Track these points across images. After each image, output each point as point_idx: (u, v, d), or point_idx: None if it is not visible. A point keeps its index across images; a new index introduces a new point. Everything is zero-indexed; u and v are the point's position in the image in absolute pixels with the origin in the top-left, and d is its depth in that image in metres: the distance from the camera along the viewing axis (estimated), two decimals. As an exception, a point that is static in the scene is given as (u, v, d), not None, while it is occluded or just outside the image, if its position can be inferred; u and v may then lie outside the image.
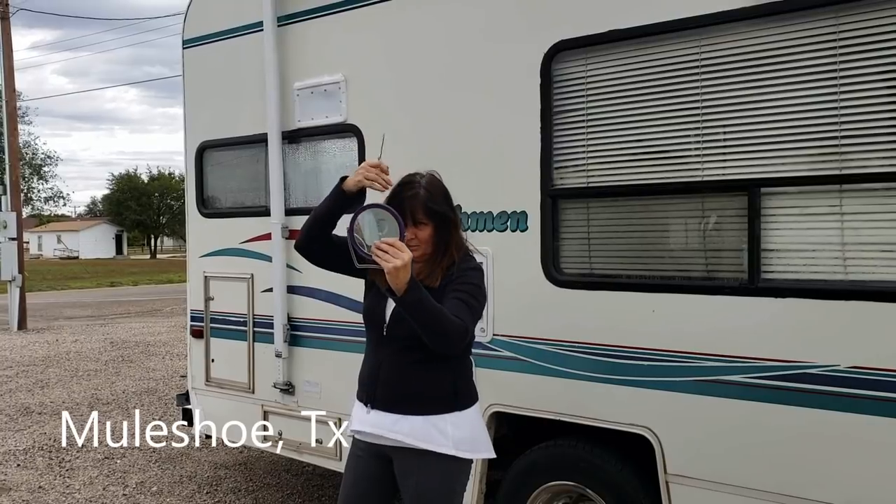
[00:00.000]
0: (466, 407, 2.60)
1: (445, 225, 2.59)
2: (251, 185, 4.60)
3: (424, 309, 2.32)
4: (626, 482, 3.10)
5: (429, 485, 2.55)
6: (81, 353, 11.02)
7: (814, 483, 2.65)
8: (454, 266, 2.56)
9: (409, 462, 2.57)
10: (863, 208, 2.60)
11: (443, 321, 2.35)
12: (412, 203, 2.54)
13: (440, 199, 2.60)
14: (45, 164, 45.78)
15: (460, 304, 2.45)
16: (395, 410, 2.57)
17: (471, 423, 2.60)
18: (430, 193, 2.58)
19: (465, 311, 2.43)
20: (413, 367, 2.57)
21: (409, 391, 2.57)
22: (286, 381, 4.30)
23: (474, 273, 2.57)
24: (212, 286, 4.76)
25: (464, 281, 2.52)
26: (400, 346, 2.58)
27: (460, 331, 2.38)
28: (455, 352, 2.50)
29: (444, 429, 2.53)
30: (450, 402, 2.56)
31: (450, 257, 2.58)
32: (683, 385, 2.92)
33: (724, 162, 2.87)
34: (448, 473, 2.56)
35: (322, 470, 4.88)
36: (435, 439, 2.52)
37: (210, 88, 4.76)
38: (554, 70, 3.26)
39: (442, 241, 2.58)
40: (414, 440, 2.53)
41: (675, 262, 3.04)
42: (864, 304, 2.55)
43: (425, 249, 2.58)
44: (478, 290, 2.53)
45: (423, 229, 2.56)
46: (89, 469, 5.66)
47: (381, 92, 3.88)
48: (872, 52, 2.56)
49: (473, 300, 2.49)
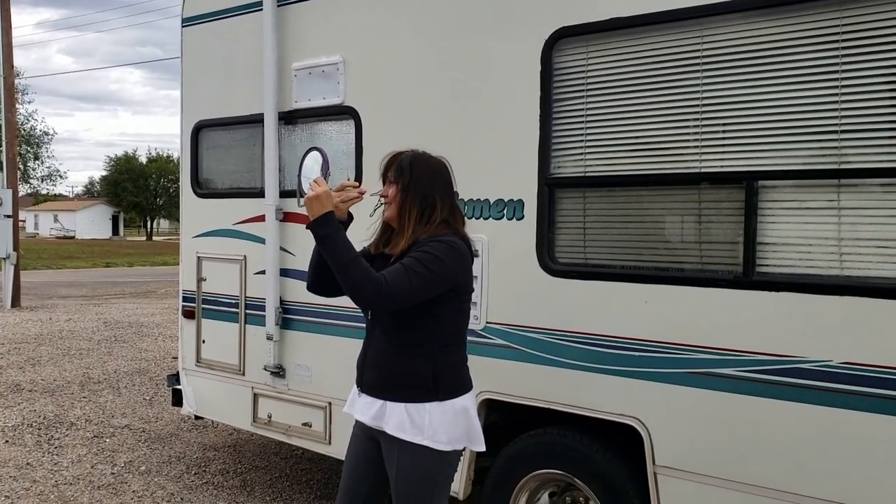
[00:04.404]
0: (450, 397, 2.54)
1: (406, 188, 2.55)
2: (246, 165, 4.57)
3: (331, 247, 2.42)
4: (615, 473, 3.09)
5: (406, 473, 2.53)
6: (74, 331, 10.99)
7: (804, 478, 2.64)
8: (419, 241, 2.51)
9: (392, 448, 2.56)
10: (860, 203, 2.59)
11: (351, 268, 2.37)
12: (392, 160, 2.64)
13: (419, 168, 2.58)
14: (42, 142, 45.70)
15: (399, 266, 2.42)
16: (378, 395, 2.58)
17: (453, 415, 2.53)
18: (411, 159, 2.60)
19: (399, 273, 2.39)
20: (395, 352, 2.56)
21: (389, 377, 2.56)
22: (277, 364, 4.29)
23: (436, 244, 2.47)
24: (204, 267, 4.74)
25: (420, 249, 2.47)
26: (383, 331, 2.59)
27: (371, 284, 2.35)
28: (366, 306, 2.51)
29: (421, 419, 2.49)
30: (430, 390, 2.51)
31: (407, 232, 2.53)
32: (675, 377, 2.91)
33: (721, 154, 2.85)
34: (425, 464, 2.52)
35: (311, 454, 4.88)
36: (411, 429, 2.50)
37: (208, 67, 4.72)
38: (555, 58, 3.23)
39: (402, 207, 2.55)
40: (391, 429, 2.52)
41: (670, 253, 3.02)
42: (858, 299, 2.53)
43: (395, 210, 2.58)
44: (431, 258, 2.43)
45: (391, 186, 2.60)
46: (78, 447, 5.65)
47: (380, 75, 3.84)
48: (873, 48, 2.53)
49: (420, 266, 2.41)
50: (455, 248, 2.51)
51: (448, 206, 2.60)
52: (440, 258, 2.45)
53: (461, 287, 2.55)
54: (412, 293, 2.41)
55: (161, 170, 67.06)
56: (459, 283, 2.54)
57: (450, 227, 2.57)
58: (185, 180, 4.89)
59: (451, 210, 2.61)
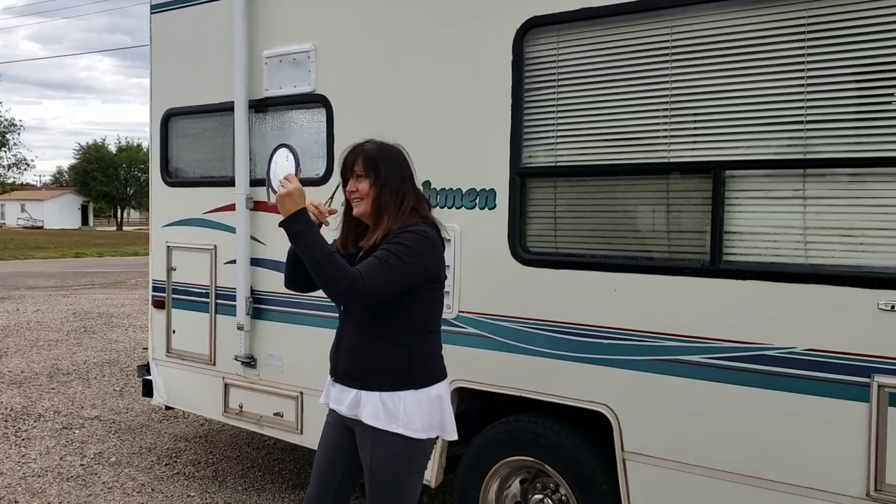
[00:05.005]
0: (425, 386, 2.55)
1: (379, 182, 2.55)
2: (217, 154, 4.53)
3: (305, 244, 2.40)
4: (584, 459, 3.13)
5: (380, 461, 2.54)
6: (43, 322, 10.84)
7: (769, 463, 2.69)
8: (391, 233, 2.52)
9: (365, 436, 2.56)
10: (825, 193, 2.63)
11: (326, 265, 2.35)
12: (354, 155, 2.60)
13: (387, 159, 2.58)
14: (8, 132, 44.86)
15: (373, 260, 2.42)
16: (352, 385, 2.58)
17: (428, 403, 2.55)
18: (377, 150, 2.59)
19: (374, 267, 2.39)
20: (368, 342, 2.56)
21: (364, 367, 2.56)
22: (248, 354, 4.27)
23: (408, 235, 2.48)
24: (174, 256, 4.69)
25: (392, 241, 2.47)
26: (357, 321, 2.59)
27: (346, 280, 2.34)
28: (342, 301, 2.50)
29: (396, 407, 2.50)
30: (405, 379, 2.52)
31: (384, 225, 2.53)
32: (643, 364, 2.94)
33: (690, 144, 2.88)
34: (399, 452, 2.52)
35: (283, 444, 4.87)
36: (386, 418, 2.50)
37: (177, 55, 4.67)
38: (526, 47, 3.24)
39: (377, 202, 2.55)
40: (366, 418, 2.52)
41: (639, 242, 3.05)
42: (822, 287, 2.58)
43: (368, 205, 2.56)
44: (404, 250, 2.43)
45: (361, 181, 2.57)
46: (46, 439, 5.59)
47: (352, 63, 3.82)
48: (840, 40, 2.57)
49: (394, 258, 2.42)
50: (427, 238, 2.51)
51: (414, 193, 2.61)
52: (414, 249, 2.45)
53: (434, 276, 2.56)
54: (388, 286, 2.42)
55: (131, 159, 66.19)
56: (432, 273, 2.54)
57: (419, 215, 2.57)
58: (154, 169, 4.83)
59: (418, 197, 2.63)
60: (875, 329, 2.48)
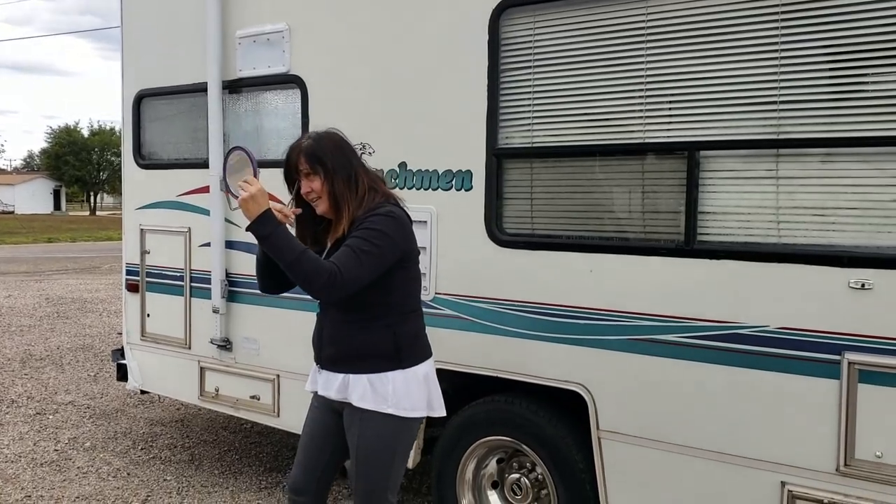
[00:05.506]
0: (412, 365, 2.57)
1: (329, 174, 2.53)
2: (190, 135, 4.47)
3: (275, 245, 2.36)
4: (560, 438, 3.15)
5: (368, 441, 2.55)
6: (15, 308, 10.69)
7: (742, 440, 2.73)
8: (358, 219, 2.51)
9: (353, 417, 2.57)
10: (797, 173, 2.65)
11: (300, 262, 2.33)
12: (295, 154, 2.58)
13: (328, 150, 2.55)
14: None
15: (346, 250, 2.41)
16: (339, 369, 2.58)
17: (416, 381, 2.57)
18: (315, 144, 2.56)
19: (349, 258, 2.38)
20: (353, 326, 2.56)
21: (350, 350, 2.56)
22: (223, 338, 4.24)
23: (376, 219, 2.47)
24: (148, 239, 4.64)
25: (361, 227, 2.46)
26: (338, 307, 2.58)
27: (323, 275, 2.33)
28: (322, 297, 2.47)
29: (384, 387, 2.52)
30: (392, 360, 2.54)
31: (346, 215, 2.52)
32: (618, 343, 2.96)
33: (665, 125, 2.89)
34: (387, 431, 2.55)
35: (260, 427, 4.86)
36: (374, 399, 2.52)
37: (149, 35, 4.59)
38: (502, 27, 3.22)
39: (333, 195, 2.53)
40: (355, 400, 2.54)
41: (614, 223, 3.06)
42: (795, 266, 2.61)
43: (328, 202, 2.55)
44: (375, 234, 2.43)
45: (312, 179, 2.55)
46: (19, 425, 5.52)
47: (326, 43, 3.78)
48: (811, 21, 2.58)
49: (367, 244, 2.41)
50: (394, 218, 2.51)
51: (365, 173, 2.60)
52: (384, 231, 2.45)
53: (407, 255, 2.56)
54: (366, 273, 2.41)
55: (104, 143, 65.20)
56: (405, 252, 2.54)
57: (378, 193, 2.57)
58: (127, 151, 4.76)
59: (369, 175, 2.62)
60: (845, 307, 2.51)
